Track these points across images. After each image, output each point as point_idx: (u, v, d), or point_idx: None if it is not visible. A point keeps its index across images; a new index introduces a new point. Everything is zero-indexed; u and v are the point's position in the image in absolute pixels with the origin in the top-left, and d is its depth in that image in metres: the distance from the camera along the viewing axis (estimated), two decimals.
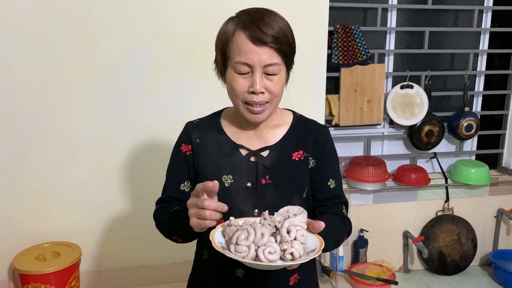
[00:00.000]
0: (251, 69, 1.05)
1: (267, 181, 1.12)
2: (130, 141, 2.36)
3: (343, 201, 1.20)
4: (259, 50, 1.03)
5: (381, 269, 2.65)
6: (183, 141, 1.19)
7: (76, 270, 2.26)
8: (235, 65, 1.06)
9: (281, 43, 1.05)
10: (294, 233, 0.92)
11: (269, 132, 1.17)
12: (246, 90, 1.06)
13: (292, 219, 0.96)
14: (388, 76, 2.72)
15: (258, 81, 1.04)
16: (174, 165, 1.21)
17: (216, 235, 0.96)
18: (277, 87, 1.07)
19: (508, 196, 2.85)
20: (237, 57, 1.05)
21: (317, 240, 0.96)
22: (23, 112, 2.22)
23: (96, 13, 2.18)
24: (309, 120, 1.22)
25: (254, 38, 1.03)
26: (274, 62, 1.05)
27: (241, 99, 1.08)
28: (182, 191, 1.18)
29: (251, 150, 1.15)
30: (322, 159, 1.17)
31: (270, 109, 1.10)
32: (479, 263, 2.93)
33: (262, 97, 1.06)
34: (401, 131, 2.80)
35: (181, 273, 2.49)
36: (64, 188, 2.34)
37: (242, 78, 1.06)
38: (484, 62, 2.87)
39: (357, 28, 2.53)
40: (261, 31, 1.03)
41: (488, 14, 2.80)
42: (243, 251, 0.91)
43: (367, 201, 2.71)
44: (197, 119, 1.23)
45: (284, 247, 0.91)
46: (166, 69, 2.30)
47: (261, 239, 0.92)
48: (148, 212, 2.45)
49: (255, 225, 0.94)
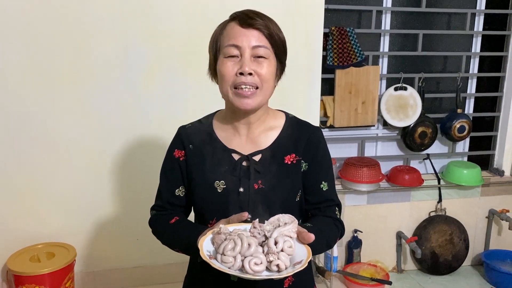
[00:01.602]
0: (239, 51, 1.07)
1: (260, 186, 1.12)
2: (124, 142, 2.35)
3: (336, 203, 1.19)
4: (247, 32, 1.06)
5: (375, 269, 2.67)
6: (176, 147, 1.19)
7: (71, 271, 2.24)
8: (225, 49, 1.08)
9: (269, 30, 1.08)
10: (281, 245, 0.92)
11: (261, 135, 1.17)
12: (235, 73, 1.07)
13: (282, 228, 0.95)
14: (382, 78, 2.75)
15: (246, 62, 1.06)
16: (168, 170, 1.21)
17: (205, 243, 0.96)
18: (266, 71, 1.08)
19: (499, 197, 2.89)
20: (227, 41, 1.08)
21: (305, 250, 0.95)
22: (16, 112, 2.20)
23: (89, 12, 2.17)
24: (302, 122, 1.21)
25: (243, 22, 1.07)
26: (263, 44, 1.07)
27: (230, 84, 1.08)
28: (177, 196, 1.19)
29: (243, 154, 1.14)
30: (314, 161, 1.17)
31: (260, 96, 1.09)
32: (471, 263, 2.96)
33: (252, 79, 1.06)
34: (394, 132, 2.82)
35: (175, 273, 2.49)
36: (58, 188, 2.32)
37: (231, 62, 1.07)
38: (476, 65, 2.90)
39: (352, 30, 2.55)
40: (250, 18, 1.07)
41: (480, 17, 2.83)
42: (229, 261, 0.90)
43: (361, 202, 2.73)
44: (190, 124, 1.23)
45: (270, 258, 0.91)
46: (160, 69, 2.30)
47: (248, 249, 0.91)
48: (143, 213, 2.45)
49: (242, 235, 0.93)
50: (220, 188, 1.12)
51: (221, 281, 1.13)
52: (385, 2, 2.70)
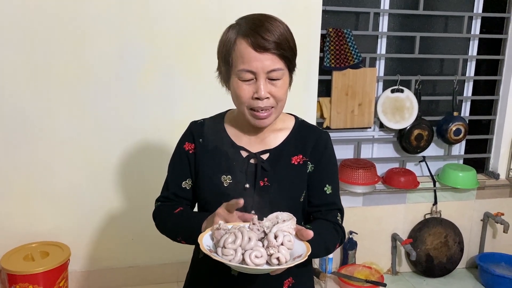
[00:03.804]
0: (254, 76, 1.06)
1: (265, 183, 1.13)
2: (120, 141, 2.35)
3: (338, 208, 1.20)
4: (261, 57, 1.05)
5: (369, 271, 2.67)
6: (187, 139, 1.22)
7: (65, 270, 2.24)
8: (239, 72, 1.07)
9: (283, 49, 1.06)
10: (281, 239, 0.93)
11: (270, 135, 1.19)
12: (250, 96, 1.08)
13: (281, 224, 0.97)
14: (379, 80, 2.75)
15: (262, 87, 1.06)
16: (176, 162, 1.23)
17: (204, 238, 0.98)
18: (281, 92, 1.09)
19: (494, 200, 2.90)
20: (241, 65, 1.06)
21: (304, 246, 0.96)
22: (13, 111, 2.20)
23: (86, 12, 2.17)
24: (310, 126, 1.24)
25: (256, 45, 1.04)
26: (277, 67, 1.06)
27: (246, 105, 1.10)
28: (183, 188, 1.21)
29: (251, 152, 1.17)
30: (320, 164, 1.18)
31: (276, 113, 1.12)
32: (466, 266, 2.97)
33: (267, 102, 1.08)
34: (391, 134, 2.83)
35: (170, 274, 2.49)
36: (53, 187, 2.32)
37: (246, 85, 1.07)
38: (473, 68, 2.91)
39: (349, 32, 2.55)
40: (262, 38, 1.04)
41: (477, 20, 2.84)
42: (230, 254, 0.92)
43: (356, 204, 2.73)
44: (201, 119, 1.25)
45: (270, 251, 0.92)
46: (157, 69, 2.30)
47: (248, 243, 0.92)
48: (138, 213, 2.46)
49: (243, 229, 0.95)
50: (227, 182, 1.14)
51: (222, 277, 1.15)
52: (382, 4, 2.70)
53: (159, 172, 1.28)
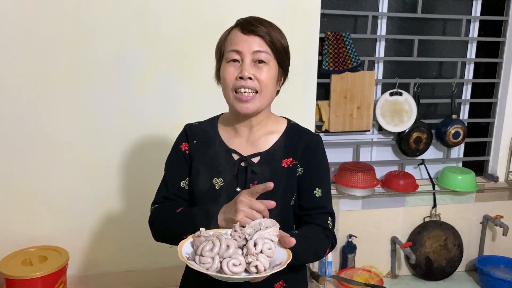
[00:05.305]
0: (240, 57, 1.10)
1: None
2: (118, 144, 2.34)
3: (328, 211, 1.19)
4: (249, 38, 1.10)
5: (369, 275, 2.67)
6: (183, 140, 1.24)
7: (63, 274, 2.23)
8: (227, 54, 1.12)
9: (271, 37, 1.11)
10: (261, 246, 0.92)
11: (262, 138, 1.20)
12: (235, 77, 1.11)
13: (263, 231, 0.96)
14: (378, 83, 2.75)
15: (246, 66, 1.09)
16: (174, 162, 1.24)
17: (185, 246, 0.98)
18: (266, 76, 1.11)
19: (493, 202, 2.90)
20: (229, 47, 1.12)
21: (286, 254, 0.95)
22: (10, 113, 2.19)
23: (85, 14, 2.17)
24: (302, 129, 1.24)
25: (245, 29, 1.10)
26: (263, 49, 1.10)
27: (231, 87, 1.12)
28: (182, 188, 1.22)
29: (242, 155, 1.17)
30: (310, 167, 1.18)
31: (260, 101, 1.13)
32: (465, 269, 2.97)
33: (251, 83, 1.10)
34: (389, 137, 2.83)
35: (169, 278, 2.48)
36: (51, 191, 2.31)
37: (232, 66, 1.11)
38: (472, 71, 2.91)
39: (347, 35, 2.55)
40: (252, 24, 1.10)
41: (475, 23, 2.85)
42: (207, 262, 0.91)
43: (355, 207, 2.72)
44: (196, 122, 1.27)
45: (249, 259, 0.91)
46: (156, 71, 2.29)
47: (227, 250, 0.92)
48: (136, 217, 2.45)
49: (221, 236, 0.94)
50: (218, 185, 1.15)
51: (214, 279, 1.13)
52: (381, 8, 2.71)
53: (158, 176, 1.27)
